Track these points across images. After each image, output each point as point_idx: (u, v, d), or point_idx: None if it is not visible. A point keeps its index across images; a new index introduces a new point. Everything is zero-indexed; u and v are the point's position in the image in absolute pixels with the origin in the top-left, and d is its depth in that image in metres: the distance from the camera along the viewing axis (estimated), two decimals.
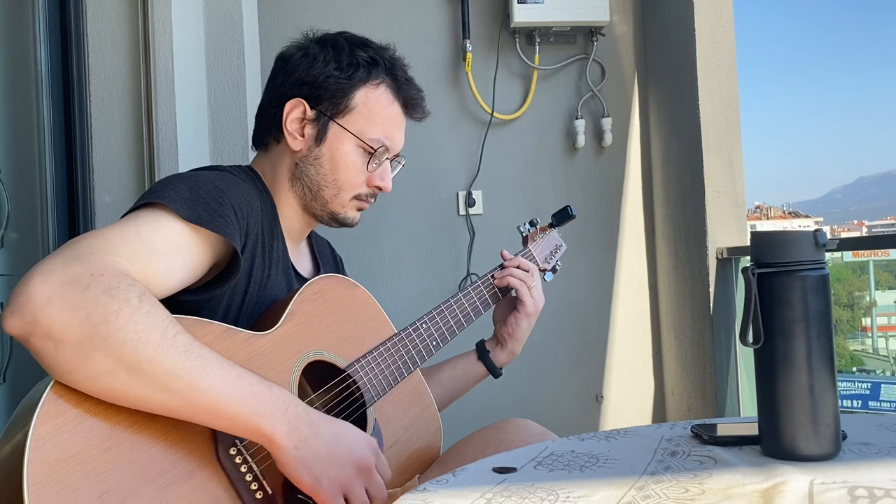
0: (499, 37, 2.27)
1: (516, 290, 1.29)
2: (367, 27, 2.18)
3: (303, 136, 1.13)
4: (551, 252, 1.41)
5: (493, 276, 1.30)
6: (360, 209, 1.19)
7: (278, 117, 1.14)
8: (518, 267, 1.30)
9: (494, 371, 1.33)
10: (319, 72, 1.12)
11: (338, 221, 1.18)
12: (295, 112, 1.13)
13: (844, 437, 0.81)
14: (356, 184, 1.15)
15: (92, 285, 0.78)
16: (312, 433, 0.86)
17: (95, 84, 1.68)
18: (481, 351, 1.33)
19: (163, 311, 0.82)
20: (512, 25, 2.20)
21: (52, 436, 0.75)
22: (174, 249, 0.92)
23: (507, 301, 1.33)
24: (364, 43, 1.17)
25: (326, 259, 1.32)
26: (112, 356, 0.77)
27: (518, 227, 1.42)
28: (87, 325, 0.76)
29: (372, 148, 1.14)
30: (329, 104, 1.13)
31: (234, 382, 0.83)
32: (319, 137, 1.13)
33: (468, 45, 2.21)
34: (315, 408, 0.92)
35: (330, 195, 1.15)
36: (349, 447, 0.89)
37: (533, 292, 1.29)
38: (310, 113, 1.13)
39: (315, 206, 1.16)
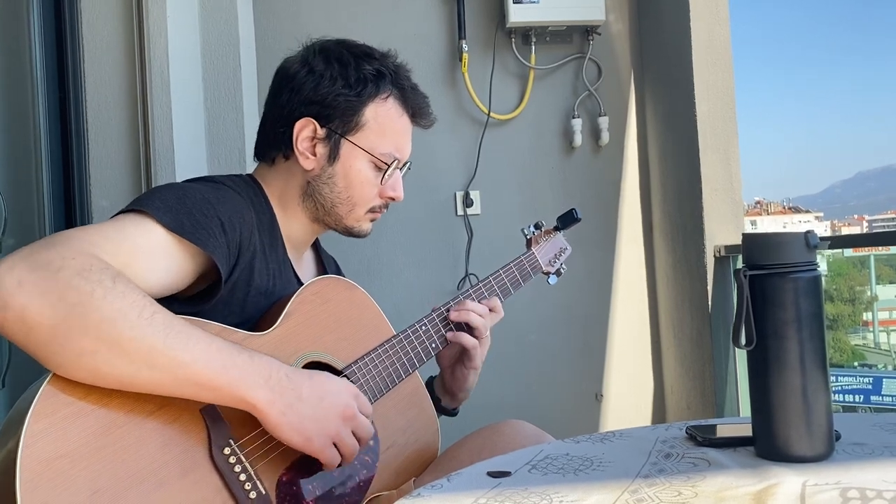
0: (495, 37, 2.27)
1: (468, 351, 1.21)
2: (363, 29, 2.19)
3: (314, 154, 1.13)
4: (556, 255, 1.41)
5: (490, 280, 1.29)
6: (373, 220, 1.19)
7: (287, 136, 1.12)
8: (473, 311, 1.21)
9: (449, 413, 1.29)
10: (328, 90, 1.11)
11: (352, 234, 1.19)
12: (305, 131, 1.12)
13: (838, 438, 0.81)
14: (370, 198, 1.16)
15: (64, 268, 0.78)
16: (296, 397, 0.89)
17: (91, 89, 1.68)
18: (433, 397, 1.27)
19: (138, 292, 0.82)
20: (508, 25, 2.20)
21: (45, 434, 0.75)
22: (156, 251, 0.92)
23: (452, 353, 1.26)
24: (367, 53, 1.16)
25: (332, 271, 1.32)
26: (91, 335, 0.77)
27: (522, 230, 1.40)
28: (60, 307, 0.76)
29: (385, 163, 1.14)
30: (340, 122, 1.12)
31: (216, 354, 0.84)
32: (332, 156, 1.12)
33: (464, 45, 2.21)
34: None
35: (345, 211, 1.15)
36: (332, 403, 0.92)
37: (484, 347, 1.23)
38: (320, 132, 1.12)
39: (328, 220, 1.17)
